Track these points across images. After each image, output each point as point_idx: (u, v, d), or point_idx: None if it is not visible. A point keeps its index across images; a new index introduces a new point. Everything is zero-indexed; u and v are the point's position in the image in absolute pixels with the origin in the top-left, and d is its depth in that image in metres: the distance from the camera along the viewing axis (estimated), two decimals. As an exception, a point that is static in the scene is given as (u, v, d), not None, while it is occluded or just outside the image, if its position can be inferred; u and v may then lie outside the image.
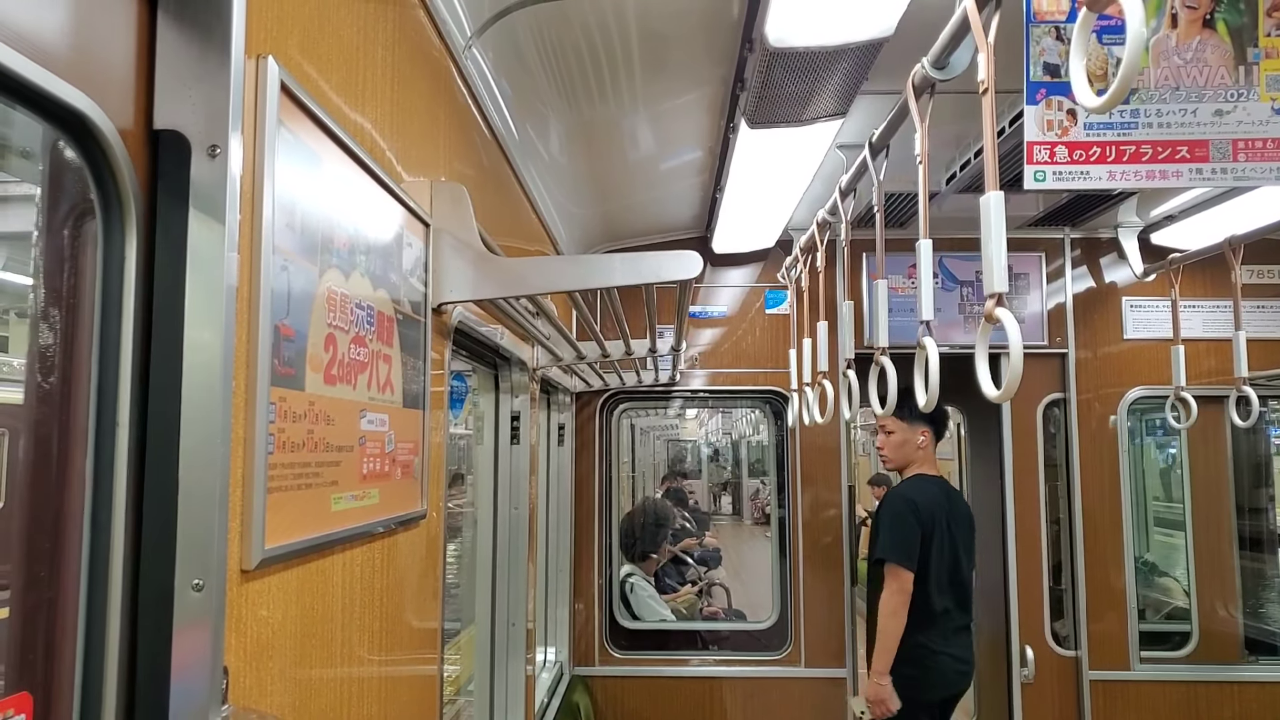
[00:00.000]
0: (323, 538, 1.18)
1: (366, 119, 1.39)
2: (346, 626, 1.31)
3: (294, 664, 1.11)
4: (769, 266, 4.47)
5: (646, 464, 12.45)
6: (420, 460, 1.64)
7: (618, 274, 1.68)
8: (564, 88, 2.71)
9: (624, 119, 3.05)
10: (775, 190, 3.41)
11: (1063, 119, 1.64)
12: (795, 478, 4.36)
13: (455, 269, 1.71)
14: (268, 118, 0.98)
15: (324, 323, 1.18)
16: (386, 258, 1.45)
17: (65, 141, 0.70)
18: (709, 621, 5.47)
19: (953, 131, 3.26)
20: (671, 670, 4.34)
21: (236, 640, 0.95)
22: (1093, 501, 4.18)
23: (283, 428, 1.05)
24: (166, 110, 0.86)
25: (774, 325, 4.46)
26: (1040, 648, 4.13)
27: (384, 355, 1.44)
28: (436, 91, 1.82)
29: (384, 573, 1.47)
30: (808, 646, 4.28)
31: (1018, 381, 1.39)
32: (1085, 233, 4.34)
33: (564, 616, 4.26)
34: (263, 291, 0.98)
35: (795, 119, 2.60)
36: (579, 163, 3.41)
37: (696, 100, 2.89)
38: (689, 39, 2.44)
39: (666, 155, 3.48)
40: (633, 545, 5.25)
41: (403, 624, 1.59)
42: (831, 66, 2.29)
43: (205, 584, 0.84)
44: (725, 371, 4.49)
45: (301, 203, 1.10)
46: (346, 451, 1.28)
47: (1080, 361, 4.28)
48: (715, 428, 15.16)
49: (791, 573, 4.33)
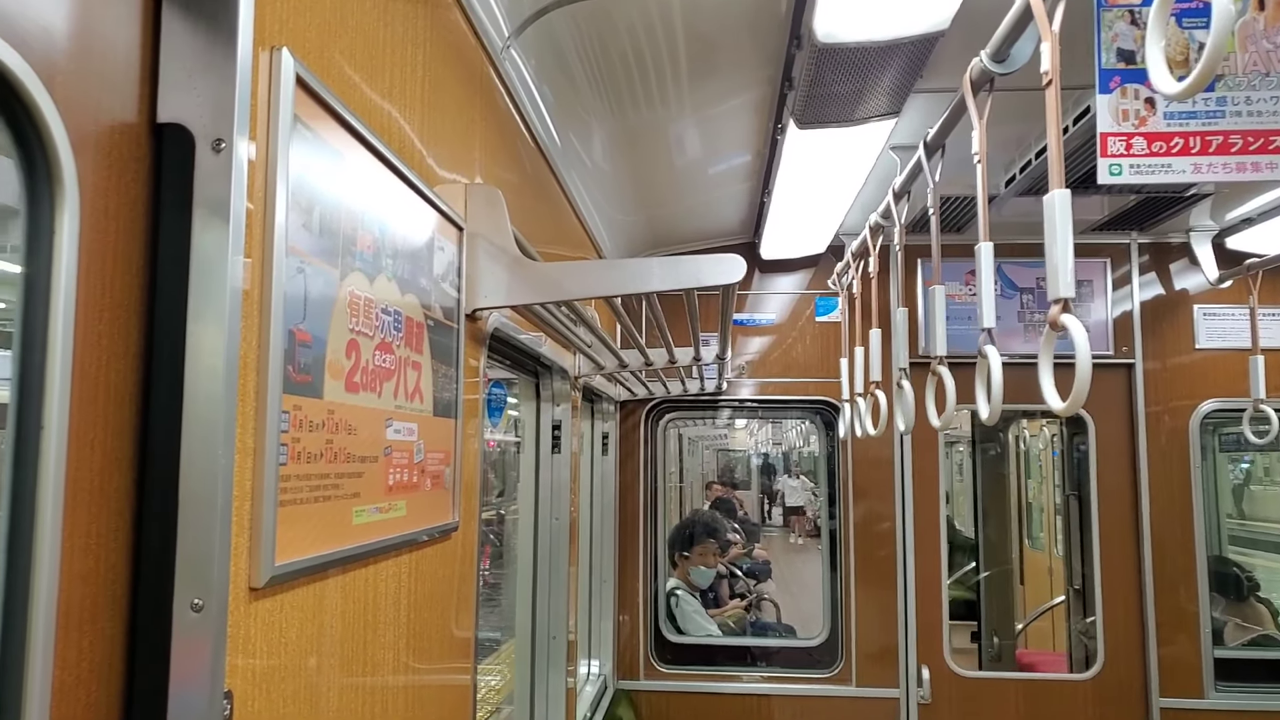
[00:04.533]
0: (343, 552, 1.13)
1: (395, 118, 1.35)
2: (370, 645, 1.26)
3: (310, 685, 1.06)
4: (819, 273, 4.36)
5: (694, 474, 12.34)
6: (452, 470, 1.59)
7: (656, 278, 1.61)
8: (607, 92, 2.66)
9: (669, 123, 2.99)
10: (825, 194, 3.32)
11: (1140, 108, 1.52)
12: (847, 490, 4.25)
13: (490, 274, 1.66)
14: (281, 112, 0.93)
15: (345, 328, 1.14)
16: (416, 261, 1.40)
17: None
18: (757, 636, 5.36)
19: (1011, 133, 3.14)
20: (718, 686, 4.24)
21: (243, 662, 0.90)
22: (1162, 519, 3.98)
23: (297, 437, 1.00)
24: (170, 103, 0.81)
25: (825, 333, 4.35)
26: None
27: (413, 362, 1.39)
28: (472, 92, 1.78)
29: (412, 588, 1.42)
30: (860, 665, 4.15)
31: (1086, 392, 1.30)
32: (1153, 237, 4.16)
33: (608, 628, 4.19)
34: (274, 294, 0.93)
35: (846, 119, 2.51)
36: (623, 169, 3.36)
37: (743, 101, 2.82)
38: (734, 37, 2.37)
39: (713, 159, 3.41)
40: (677, 558, 5.15)
41: (433, 640, 1.54)
42: (883, 63, 2.19)
43: (205, 604, 0.79)
44: (774, 381, 4.39)
45: (320, 202, 1.06)
46: (370, 462, 1.23)
47: (1149, 373, 4.09)
48: (765, 438, 14.99)
49: (843, 587, 4.21)
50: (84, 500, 0.73)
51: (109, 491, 0.76)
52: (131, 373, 0.79)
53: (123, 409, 0.78)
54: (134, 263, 0.79)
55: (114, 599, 0.77)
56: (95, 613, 0.75)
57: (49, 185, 0.69)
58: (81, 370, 0.72)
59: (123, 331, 0.78)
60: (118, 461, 0.77)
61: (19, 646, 0.68)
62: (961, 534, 8.57)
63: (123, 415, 0.78)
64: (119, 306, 0.77)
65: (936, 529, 4.14)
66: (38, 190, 0.69)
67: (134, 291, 0.79)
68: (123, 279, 0.78)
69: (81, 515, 0.73)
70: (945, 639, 4.10)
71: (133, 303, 0.79)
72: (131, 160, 0.79)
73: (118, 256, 0.77)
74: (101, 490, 0.75)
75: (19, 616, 0.68)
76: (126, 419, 0.78)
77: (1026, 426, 7.19)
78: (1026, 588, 6.93)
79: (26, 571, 0.68)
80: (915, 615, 4.11)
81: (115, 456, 0.77)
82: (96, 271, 0.74)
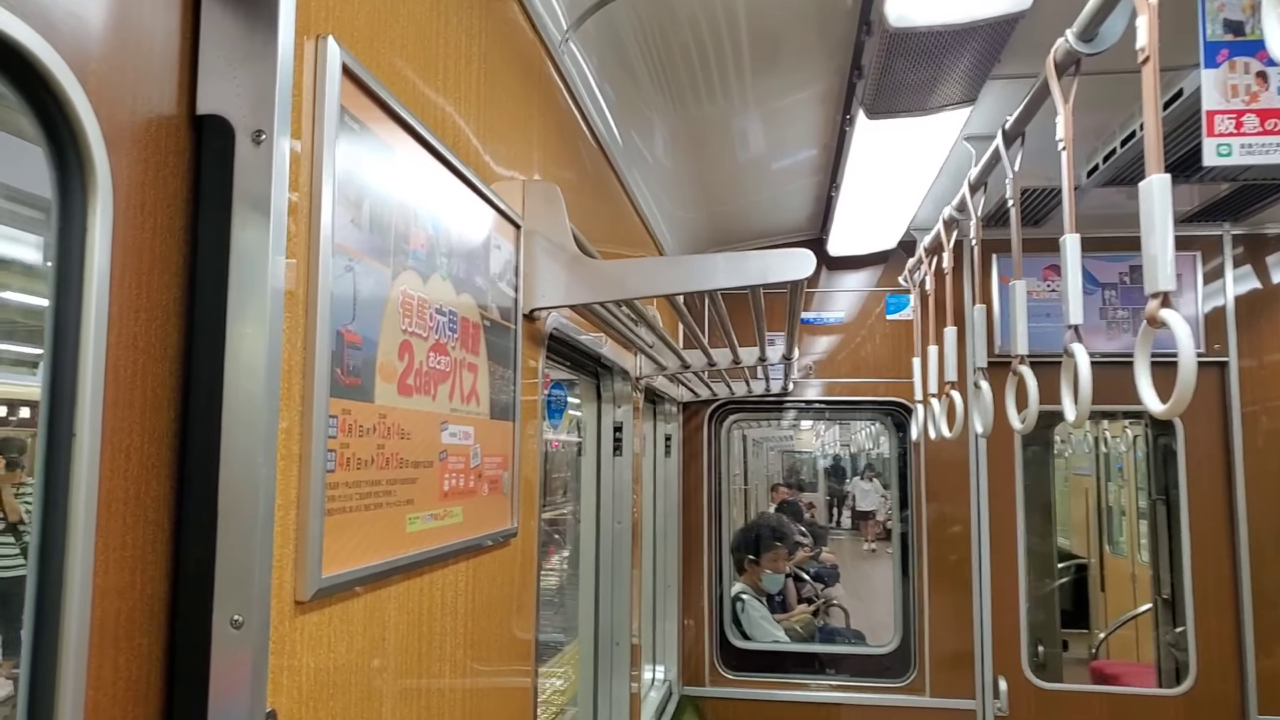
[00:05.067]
0: (396, 562, 1.09)
1: (449, 112, 1.30)
2: (427, 656, 1.21)
3: (362, 701, 1.02)
4: (890, 269, 4.23)
5: (759, 476, 12.20)
6: (511, 475, 1.54)
7: (721, 275, 1.54)
8: (669, 87, 2.60)
9: (733, 117, 2.91)
10: (896, 187, 3.20)
11: (1251, 83, 1.40)
12: (919, 492, 4.11)
13: (548, 273, 1.61)
14: (327, 103, 0.89)
15: (397, 329, 1.09)
16: (471, 260, 1.36)
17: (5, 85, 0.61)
18: (825, 642, 5.24)
19: (1091, 121, 2.98)
20: (785, 694, 4.14)
21: (289, 680, 0.86)
22: (1260, 525, 3.76)
23: (346, 443, 0.96)
24: (210, 93, 0.78)
25: (896, 332, 4.22)
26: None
27: (468, 364, 1.35)
28: (530, 87, 1.73)
29: (469, 597, 1.37)
30: (933, 674, 4.01)
31: (1190, 392, 1.20)
32: (1248, 228, 3.93)
33: (673, 633, 4.13)
34: (320, 293, 0.89)
35: (918, 107, 2.41)
36: (685, 165, 3.29)
37: (810, 93, 2.73)
38: (800, 26, 2.28)
39: (778, 154, 3.32)
40: (743, 562, 5.06)
41: (492, 647, 1.49)
42: (959, 47, 2.09)
43: (245, 620, 0.75)
44: (843, 381, 4.28)
45: (370, 198, 1.02)
46: (425, 468, 1.19)
47: (1244, 371, 3.87)
48: (832, 439, 14.77)
49: (915, 593, 4.08)
50: (119, 510, 0.70)
51: (146, 501, 0.73)
52: (170, 376, 0.76)
53: (160, 414, 0.74)
54: (173, 261, 0.76)
55: (152, 614, 0.74)
56: (131, 629, 0.72)
57: (81, 179, 0.66)
58: (116, 374, 0.69)
59: (160, 333, 0.74)
60: (155, 470, 0.74)
61: (50, 664, 0.64)
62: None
63: (160, 421, 0.74)
64: (156, 307, 0.74)
65: (1013, 533, 3.99)
66: (70, 185, 0.66)
67: (172, 291, 0.76)
68: (160, 278, 0.74)
69: (116, 526, 0.70)
70: (1023, 648, 3.94)
71: (171, 303, 0.75)
72: (170, 154, 0.75)
73: (155, 254, 0.74)
74: (138, 500, 0.72)
75: (51, 632, 0.64)
76: (165, 425, 0.75)
77: (1108, 428, 6.92)
78: (1108, 594, 6.67)
79: (58, 585, 0.65)
80: (991, 623, 3.95)
81: (153, 464, 0.74)
82: (132, 270, 0.71)
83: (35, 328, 3.38)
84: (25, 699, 0.64)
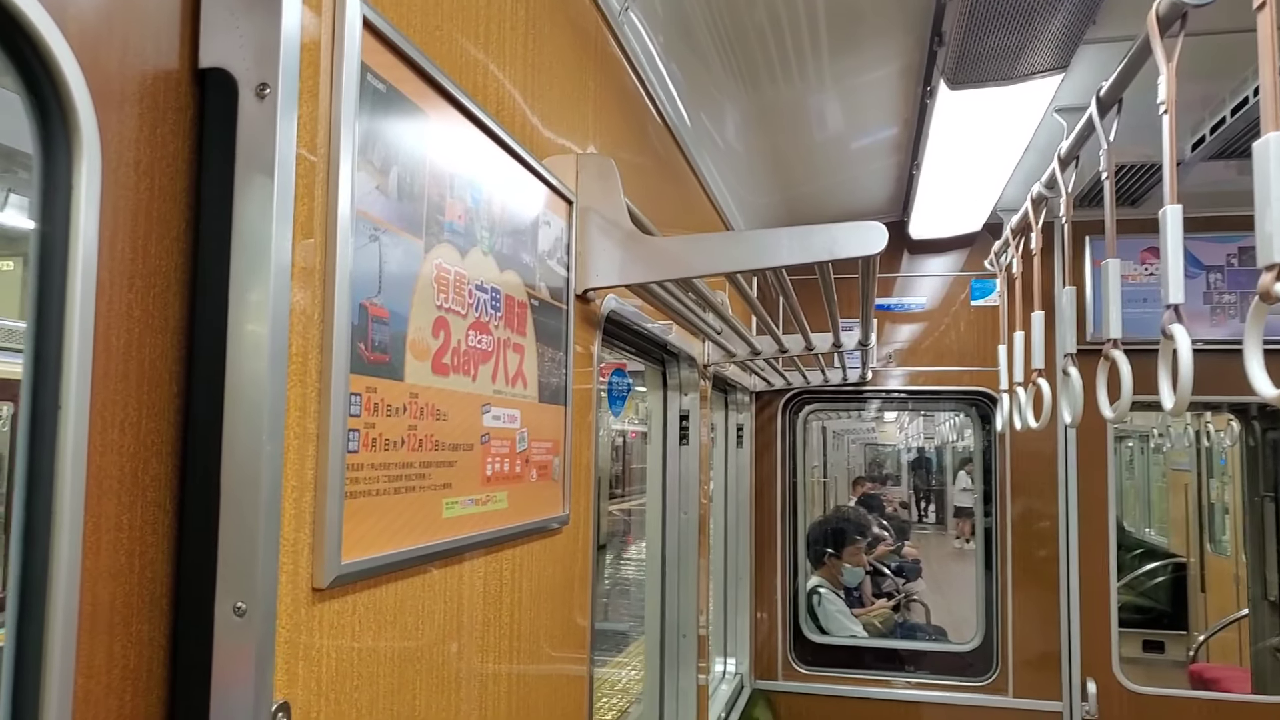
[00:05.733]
0: (431, 548, 1.04)
1: (490, 77, 1.24)
2: (466, 647, 1.16)
3: (392, 692, 0.97)
4: (975, 253, 4.04)
5: (839, 469, 11.96)
6: (562, 461, 1.48)
7: (785, 251, 1.45)
8: (739, 67, 2.51)
9: (807, 96, 2.80)
10: (981, 164, 3.03)
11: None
12: (1004, 486, 3.92)
13: (602, 251, 1.54)
14: (346, 59, 0.84)
15: (431, 304, 1.04)
16: (517, 236, 1.30)
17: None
18: (905, 638, 5.07)
19: (1196, 91, 2.76)
20: (862, 690, 4.02)
21: (306, 670, 0.81)
22: None
23: (371, 422, 0.91)
24: (212, 46, 0.73)
25: (981, 318, 4.03)
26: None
27: (514, 345, 1.29)
28: (584, 56, 1.66)
29: (514, 586, 1.32)
30: (1017, 674, 3.83)
31: None
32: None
33: (744, 626, 4.04)
34: (339, 262, 0.84)
35: (1004, 76, 2.25)
36: (757, 148, 3.19)
37: (888, 69, 2.59)
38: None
39: (855, 133, 3.19)
40: (821, 555, 4.93)
41: (542, 639, 1.44)
42: (1049, 8, 1.94)
43: (249, 608, 0.71)
44: (925, 370, 4.11)
45: (399, 165, 0.96)
46: (464, 450, 1.14)
47: None
48: (915, 432, 14.39)
49: (999, 590, 3.90)
50: (112, 488, 0.66)
51: (144, 480, 0.69)
52: (171, 349, 0.71)
53: (160, 389, 0.70)
54: (174, 226, 0.71)
55: (153, 600, 0.70)
56: (128, 615, 0.67)
57: (66, 135, 0.62)
58: (106, 343, 0.65)
59: (160, 302, 0.70)
60: (155, 448, 0.70)
61: (35, 649, 0.60)
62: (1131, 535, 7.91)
63: (160, 396, 0.70)
64: (154, 274, 0.69)
65: (1104, 529, 3.77)
66: (53, 141, 0.62)
67: (174, 258, 0.71)
68: (159, 244, 0.70)
69: (109, 504, 0.65)
70: (1114, 649, 3.73)
71: (172, 270, 0.71)
72: (169, 110, 0.71)
73: (152, 218, 0.69)
74: (135, 479, 0.68)
75: (35, 615, 0.61)
76: (165, 400, 0.70)
77: (1211, 420, 6.53)
78: (1208, 595, 6.31)
79: (44, 563, 0.61)
80: (1080, 622, 3.75)
81: (151, 441, 0.69)
82: (125, 233, 0.67)
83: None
84: (9, 685, 0.61)
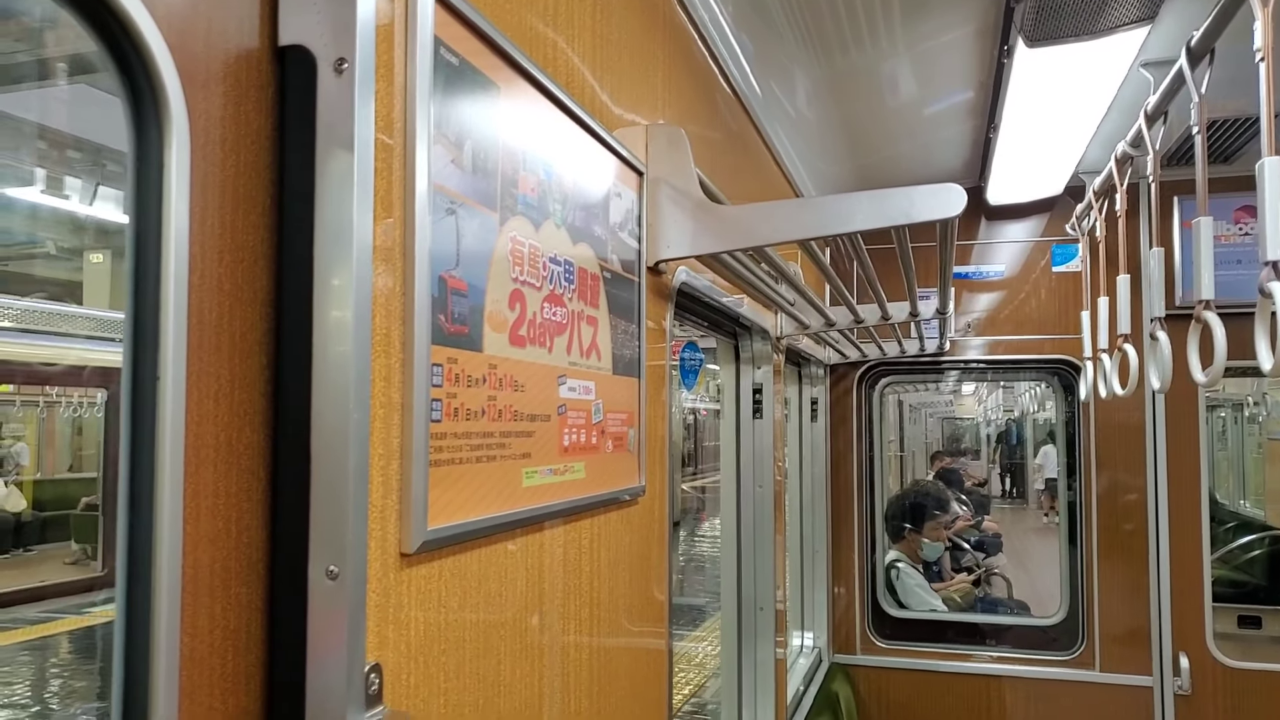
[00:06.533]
0: (511, 516, 1.05)
1: (559, 49, 1.24)
2: (548, 614, 1.18)
3: (478, 656, 0.99)
4: (1055, 218, 3.90)
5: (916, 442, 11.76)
6: (637, 432, 1.49)
7: (860, 216, 1.42)
8: (810, 35, 2.46)
9: (880, 62, 2.73)
10: (1061, 124, 2.92)
11: None
12: (1089, 457, 3.80)
13: (673, 222, 1.53)
14: (420, 33, 0.85)
15: (507, 277, 1.05)
16: (589, 209, 1.30)
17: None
18: (986, 612, 4.98)
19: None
20: (942, 665, 3.96)
21: (395, 633, 0.84)
22: None
23: (453, 393, 0.93)
24: (291, 23, 0.74)
25: (1063, 285, 3.90)
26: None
27: (587, 317, 1.30)
28: (652, 26, 1.65)
29: (592, 554, 1.33)
30: (1103, 648, 3.73)
31: None
32: None
33: (822, 600, 4.02)
34: (419, 234, 0.85)
35: (1087, 30, 2.16)
36: (829, 116, 3.13)
37: (963, 31, 2.51)
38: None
39: (930, 98, 3.10)
40: (900, 530, 4.86)
41: (620, 609, 1.45)
42: (1136, -46, 1.85)
43: (341, 572, 0.73)
44: (1005, 339, 4.00)
45: (472, 139, 0.97)
46: (542, 421, 1.15)
47: None
48: (995, 404, 14.05)
49: (1085, 563, 3.79)
50: (209, 456, 0.68)
51: (239, 448, 0.71)
52: (261, 320, 0.73)
53: (251, 360, 0.72)
54: (259, 201, 0.73)
55: (250, 564, 0.72)
56: (227, 578, 0.70)
57: (156, 114, 0.64)
58: (200, 316, 0.67)
59: (248, 276, 0.72)
60: (248, 416, 0.72)
61: (145, 611, 0.63)
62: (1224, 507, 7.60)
63: (251, 366, 0.72)
64: (242, 249, 0.71)
65: (1196, 500, 3.63)
66: (144, 121, 0.64)
67: (259, 233, 0.73)
68: (245, 219, 0.72)
69: (207, 472, 0.68)
70: (1208, 624, 3.60)
71: (258, 244, 0.73)
72: (252, 88, 0.72)
73: (239, 194, 0.71)
74: (229, 447, 0.70)
75: (143, 579, 0.64)
76: (256, 370, 0.73)
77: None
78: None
79: (149, 530, 0.64)
80: (1170, 596, 3.62)
81: (245, 411, 0.72)
82: (214, 210, 0.69)
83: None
84: (122, 647, 0.64)
